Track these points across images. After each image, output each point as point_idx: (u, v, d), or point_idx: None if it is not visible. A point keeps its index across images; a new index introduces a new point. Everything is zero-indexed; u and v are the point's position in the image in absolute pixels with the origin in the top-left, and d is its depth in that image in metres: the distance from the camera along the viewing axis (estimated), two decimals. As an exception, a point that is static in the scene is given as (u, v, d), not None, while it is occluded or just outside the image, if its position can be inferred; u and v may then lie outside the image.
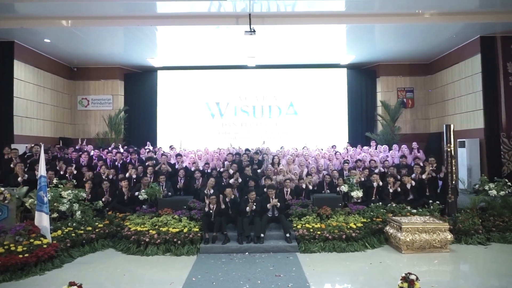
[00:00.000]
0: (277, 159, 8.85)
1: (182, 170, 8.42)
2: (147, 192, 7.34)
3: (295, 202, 7.54)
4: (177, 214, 7.04)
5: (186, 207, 7.28)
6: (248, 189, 7.48)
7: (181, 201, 7.42)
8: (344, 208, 7.43)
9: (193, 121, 13.20)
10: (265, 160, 9.06)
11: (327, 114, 13.31)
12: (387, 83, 13.38)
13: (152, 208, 7.40)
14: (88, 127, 13.07)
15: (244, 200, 7.26)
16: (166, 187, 8.03)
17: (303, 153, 9.62)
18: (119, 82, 13.25)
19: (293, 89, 13.40)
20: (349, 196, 7.75)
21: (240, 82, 13.41)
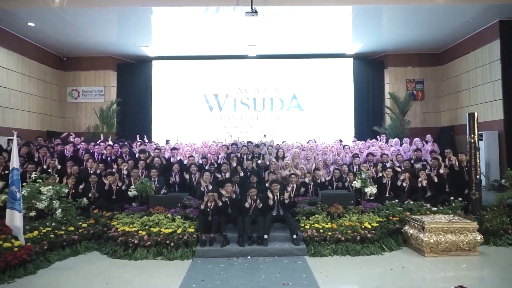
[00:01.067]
0: (282, 153, 8.10)
1: (177, 164, 7.68)
2: (137, 188, 6.58)
3: (301, 199, 6.79)
4: (170, 213, 6.29)
5: (181, 205, 6.53)
6: (249, 185, 6.74)
7: (175, 198, 6.67)
8: (357, 206, 6.68)
9: (190, 114, 12.44)
10: (267, 154, 8.31)
11: (332, 107, 12.57)
12: (395, 74, 12.65)
13: (143, 206, 6.64)
14: (79, 120, 12.30)
15: (245, 197, 6.52)
16: (159, 182, 7.29)
17: (309, 147, 8.86)
18: (111, 73, 12.48)
19: (296, 81, 12.65)
20: (361, 193, 7.00)
21: (240, 73, 12.66)
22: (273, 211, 6.49)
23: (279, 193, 6.52)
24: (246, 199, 6.39)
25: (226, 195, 6.43)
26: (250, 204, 6.29)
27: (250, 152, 8.35)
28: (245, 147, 8.33)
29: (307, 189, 7.24)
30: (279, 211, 6.49)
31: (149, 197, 6.64)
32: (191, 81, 12.57)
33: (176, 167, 7.61)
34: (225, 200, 6.39)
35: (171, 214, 6.25)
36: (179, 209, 6.41)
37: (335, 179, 7.66)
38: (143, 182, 6.61)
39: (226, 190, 6.52)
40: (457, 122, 11.51)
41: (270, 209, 6.48)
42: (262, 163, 7.92)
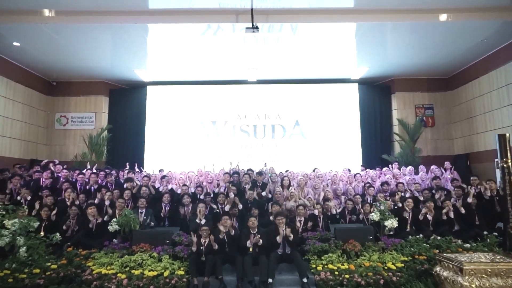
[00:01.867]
0: (287, 181, 7.20)
1: (167, 194, 6.76)
2: (119, 222, 5.63)
3: (311, 235, 5.83)
4: (156, 251, 5.32)
5: (169, 241, 5.56)
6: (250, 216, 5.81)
7: (163, 234, 5.71)
8: (376, 242, 5.71)
9: (186, 142, 11.63)
10: (270, 182, 7.42)
11: (338, 134, 11.80)
12: (403, 99, 11.98)
13: (125, 242, 5.67)
14: (66, 149, 11.45)
15: (244, 233, 5.58)
16: (147, 215, 6.36)
17: (317, 175, 7.98)
18: (103, 98, 11.79)
19: (299, 107, 11.96)
20: (380, 227, 6.04)
21: (239, 99, 11.99)
22: (278, 249, 5.52)
23: (285, 227, 5.57)
24: (248, 234, 5.44)
25: (224, 231, 5.49)
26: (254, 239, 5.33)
27: (252, 181, 7.45)
28: (247, 175, 7.44)
29: (316, 222, 6.30)
30: (286, 249, 5.52)
31: (132, 232, 5.67)
32: (187, 107, 11.86)
33: (167, 197, 6.70)
34: (222, 237, 5.43)
35: (157, 253, 5.29)
36: (167, 246, 5.44)
37: (347, 211, 6.73)
38: (126, 214, 5.66)
39: (223, 224, 5.59)
40: (473, 149, 10.70)
41: (275, 247, 5.51)
42: (265, 196, 7.01)
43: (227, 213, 5.92)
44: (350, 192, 7.34)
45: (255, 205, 6.48)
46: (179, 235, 5.70)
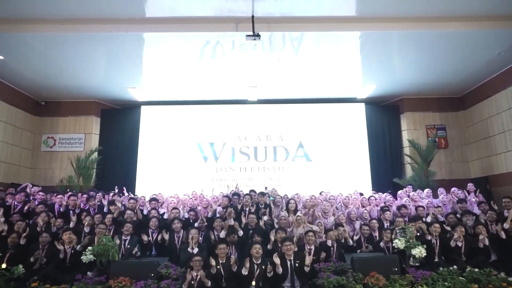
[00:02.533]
0: (294, 205, 6.31)
1: (155, 218, 5.85)
2: (95, 251, 4.71)
3: (324, 266, 4.89)
4: (137, 287, 4.36)
5: (154, 274, 4.62)
6: (252, 243, 4.90)
7: (146, 266, 4.78)
8: (403, 275, 4.77)
9: (182, 165, 10.80)
10: (274, 207, 6.54)
11: (345, 156, 11.00)
12: (413, 120, 11.29)
13: (102, 276, 4.72)
14: (52, 172, 10.61)
15: (244, 262, 4.67)
16: (132, 243, 5.43)
17: (327, 197, 7.10)
18: (94, 119, 11.09)
19: (302, 128, 11.24)
20: (404, 256, 5.11)
21: (239, 119, 11.29)
22: (285, 283, 4.58)
23: (293, 257, 4.66)
24: (245, 265, 4.53)
25: (220, 262, 4.59)
26: (252, 271, 4.42)
27: (254, 204, 6.57)
28: (248, 195, 6.57)
29: (328, 252, 5.37)
30: (294, 283, 4.57)
31: (111, 263, 4.75)
32: (184, 128, 11.14)
33: (154, 222, 5.79)
34: (218, 269, 4.52)
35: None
36: (151, 281, 4.50)
37: (363, 239, 5.82)
38: (104, 241, 4.75)
39: (219, 254, 4.69)
40: (492, 172, 9.86)
41: (281, 279, 4.58)
42: (268, 220, 6.10)
43: (224, 241, 5.01)
44: (365, 217, 6.44)
45: (258, 231, 5.58)
46: (167, 267, 4.76)
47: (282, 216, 5.91)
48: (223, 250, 4.77)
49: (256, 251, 4.71)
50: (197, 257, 4.60)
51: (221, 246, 4.77)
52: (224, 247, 4.80)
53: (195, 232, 5.25)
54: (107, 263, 4.77)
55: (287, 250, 4.65)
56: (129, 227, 5.51)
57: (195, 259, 4.57)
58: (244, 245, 5.50)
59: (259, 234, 5.48)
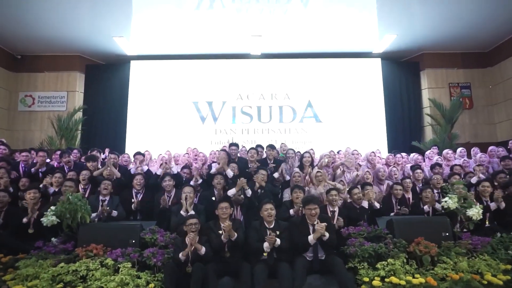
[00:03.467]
0: (309, 159, 5.21)
1: (140, 176, 4.75)
2: (57, 211, 3.63)
3: (354, 231, 3.85)
4: (112, 257, 3.32)
5: (135, 242, 3.57)
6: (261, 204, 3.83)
7: (126, 231, 3.72)
8: (457, 241, 3.73)
9: (176, 126, 9.67)
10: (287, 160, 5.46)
11: (358, 117, 9.86)
12: (434, 77, 10.11)
13: (69, 243, 3.66)
14: (31, 134, 9.49)
15: (255, 228, 3.62)
16: (111, 204, 4.37)
17: (351, 151, 6.03)
18: (78, 75, 9.86)
19: (311, 86, 10.03)
20: (456, 219, 4.06)
21: (240, 76, 10.06)
22: (307, 254, 3.54)
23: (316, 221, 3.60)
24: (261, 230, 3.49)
25: (223, 228, 3.54)
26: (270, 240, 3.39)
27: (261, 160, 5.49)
28: (253, 150, 5.45)
29: (356, 215, 4.31)
30: (318, 253, 3.53)
31: (79, 227, 3.68)
32: (178, 86, 9.94)
33: (139, 180, 4.69)
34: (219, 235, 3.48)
35: (113, 259, 3.29)
36: (131, 249, 3.45)
37: (395, 201, 4.76)
38: (69, 199, 3.66)
39: (220, 215, 3.64)
40: (524, 134, 8.80)
41: (301, 250, 3.54)
42: (280, 177, 5.01)
43: (227, 199, 3.93)
44: (395, 175, 5.36)
45: (268, 192, 4.51)
46: (153, 232, 3.71)
47: (296, 173, 4.82)
48: (225, 210, 3.70)
49: (268, 213, 3.65)
50: (192, 219, 3.55)
51: (223, 205, 3.71)
52: (227, 206, 3.74)
53: (190, 191, 4.17)
54: (77, 226, 3.70)
55: (311, 214, 3.59)
56: (107, 184, 4.43)
57: (190, 222, 3.52)
58: (251, 209, 4.43)
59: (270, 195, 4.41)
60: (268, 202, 3.71)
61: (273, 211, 3.67)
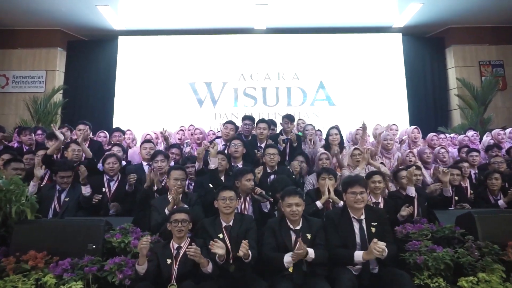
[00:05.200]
0: (337, 136, 4.07)
1: (114, 158, 3.56)
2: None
3: (411, 230, 2.69)
4: (55, 272, 2.16)
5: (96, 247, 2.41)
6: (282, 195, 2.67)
7: (84, 230, 2.55)
8: None
9: (171, 111, 8.48)
10: (307, 139, 4.34)
11: (376, 101, 8.68)
12: (462, 55, 8.95)
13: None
14: (5, 119, 8.29)
15: (271, 229, 2.46)
16: (71, 196, 3.21)
17: (389, 126, 4.90)
18: (58, 52, 8.68)
19: (324, 65, 8.84)
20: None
21: (243, 53, 8.87)
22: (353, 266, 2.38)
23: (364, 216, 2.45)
24: (281, 229, 2.35)
25: (223, 223, 2.40)
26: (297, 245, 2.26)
27: (272, 137, 4.38)
28: (264, 123, 4.29)
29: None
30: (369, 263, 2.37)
31: (15, 226, 2.52)
32: (173, 64, 8.76)
33: (112, 163, 3.51)
34: (221, 240, 2.34)
35: (56, 274, 2.13)
36: (88, 259, 2.29)
37: (452, 188, 3.61)
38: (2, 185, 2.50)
39: (222, 209, 2.51)
40: None
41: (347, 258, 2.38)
42: (301, 164, 3.83)
43: (229, 188, 2.75)
44: (444, 158, 4.21)
45: (286, 178, 3.33)
46: (124, 233, 2.55)
47: (323, 154, 3.66)
48: (229, 202, 2.56)
49: (292, 210, 2.50)
50: (179, 214, 2.40)
51: (225, 194, 2.56)
52: (232, 196, 2.59)
53: (180, 174, 3.00)
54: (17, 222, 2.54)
55: (355, 202, 2.45)
56: (64, 176, 3.27)
57: (175, 218, 2.38)
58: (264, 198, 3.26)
59: (289, 181, 3.24)
60: (292, 194, 2.54)
61: (300, 207, 2.51)
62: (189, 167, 3.56)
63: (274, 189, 3.18)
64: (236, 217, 2.63)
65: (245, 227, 2.50)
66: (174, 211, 2.46)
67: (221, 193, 2.62)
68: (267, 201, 3.01)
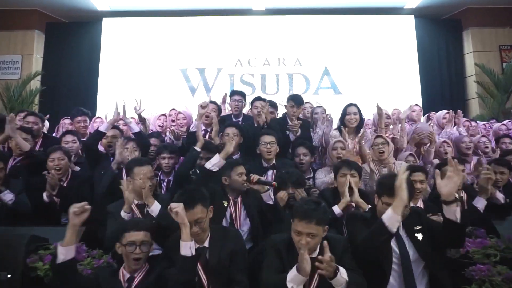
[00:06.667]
0: (356, 116, 3.30)
1: (58, 153, 2.75)
2: None
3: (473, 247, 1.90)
4: None
5: (11, 276, 1.61)
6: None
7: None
8: None
9: (160, 99, 7.67)
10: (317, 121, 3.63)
11: (386, 89, 7.94)
12: (481, 38, 8.21)
13: None
14: (-25, 109, 7.56)
15: (275, 249, 1.66)
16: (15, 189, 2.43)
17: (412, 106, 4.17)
18: (36, 35, 7.89)
19: (328, 49, 8.08)
20: None
21: (240, 37, 8.11)
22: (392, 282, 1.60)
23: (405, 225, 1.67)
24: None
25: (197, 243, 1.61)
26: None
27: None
28: (259, 101, 3.66)
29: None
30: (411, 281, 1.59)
31: None
32: (163, 49, 8.00)
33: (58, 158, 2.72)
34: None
35: None
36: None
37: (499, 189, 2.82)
38: None
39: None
40: None
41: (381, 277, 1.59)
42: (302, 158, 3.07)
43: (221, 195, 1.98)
44: (486, 149, 3.44)
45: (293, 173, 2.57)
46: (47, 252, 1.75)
47: (338, 142, 2.88)
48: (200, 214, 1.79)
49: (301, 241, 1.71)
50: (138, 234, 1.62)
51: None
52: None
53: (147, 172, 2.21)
54: None
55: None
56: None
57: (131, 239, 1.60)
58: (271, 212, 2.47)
59: (295, 178, 2.47)
60: (306, 218, 1.75)
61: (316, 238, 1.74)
62: (166, 158, 2.78)
63: (283, 181, 2.46)
64: (214, 234, 1.85)
65: (229, 249, 1.72)
66: (129, 226, 1.67)
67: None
68: (270, 188, 2.29)
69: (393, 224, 1.67)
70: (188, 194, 1.82)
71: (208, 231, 1.85)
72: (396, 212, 1.68)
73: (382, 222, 1.68)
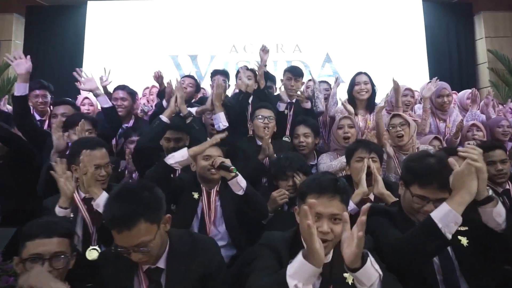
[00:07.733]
0: (369, 85, 2.84)
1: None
2: None
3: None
4: None
5: None
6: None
7: None
8: None
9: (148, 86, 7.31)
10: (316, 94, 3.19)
11: (392, 77, 7.45)
12: (494, 23, 7.75)
13: None
14: (-51, 99, 7.04)
15: (270, 249, 1.11)
16: None
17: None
18: (14, 19, 7.40)
19: (330, 35, 7.62)
20: None
21: (235, 21, 7.63)
22: None
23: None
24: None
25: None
26: None
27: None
28: (250, 71, 3.50)
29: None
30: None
31: None
32: (152, 34, 7.51)
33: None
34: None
35: None
36: None
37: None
38: None
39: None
40: None
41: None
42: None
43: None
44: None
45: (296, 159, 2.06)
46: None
47: (344, 119, 2.41)
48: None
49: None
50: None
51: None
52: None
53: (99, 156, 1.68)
54: None
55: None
56: None
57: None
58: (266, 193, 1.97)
59: (298, 165, 1.96)
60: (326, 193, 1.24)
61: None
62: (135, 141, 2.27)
63: (282, 169, 1.91)
64: (175, 247, 1.29)
65: (199, 271, 1.18)
66: (34, 230, 1.13)
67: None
68: (234, 175, 1.74)
69: (449, 227, 1.16)
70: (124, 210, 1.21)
71: (165, 243, 1.30)
72: (457, 210, 1.18)
73: (433, 222, 1.17)
